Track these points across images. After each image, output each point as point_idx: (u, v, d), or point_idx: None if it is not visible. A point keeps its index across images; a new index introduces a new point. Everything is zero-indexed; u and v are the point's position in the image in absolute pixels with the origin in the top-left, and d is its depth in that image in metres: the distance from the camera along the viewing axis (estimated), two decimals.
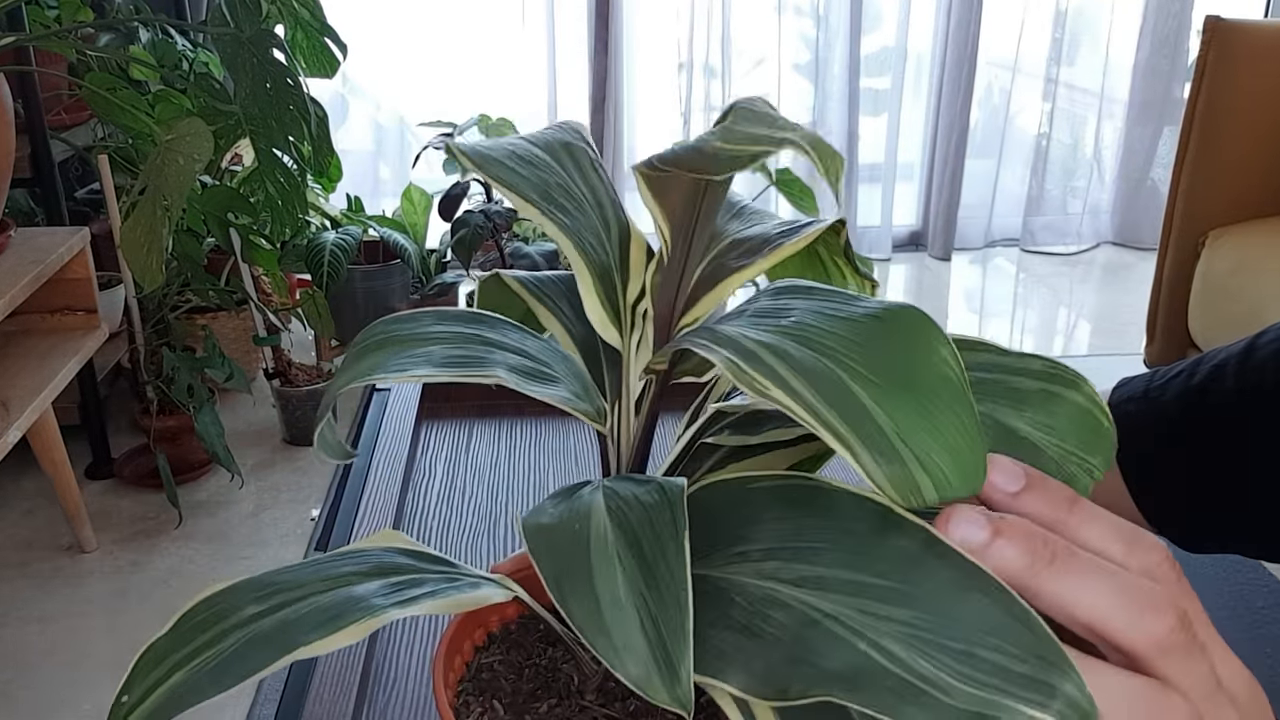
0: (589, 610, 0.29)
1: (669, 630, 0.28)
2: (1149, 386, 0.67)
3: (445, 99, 3.11)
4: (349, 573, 0.36)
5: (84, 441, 2.18)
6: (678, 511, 0.31)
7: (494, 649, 0.45)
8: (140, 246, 1.68)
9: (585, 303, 0.38)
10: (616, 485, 0.34)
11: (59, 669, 1.71)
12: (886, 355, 0.29)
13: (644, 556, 0.30)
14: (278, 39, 1.75)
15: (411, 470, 0.86)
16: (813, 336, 0.30)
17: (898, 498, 0.28)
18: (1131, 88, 3.45)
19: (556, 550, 0.31)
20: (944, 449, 0.28)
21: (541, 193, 0.38)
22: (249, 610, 0.34)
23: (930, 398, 0.28)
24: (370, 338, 0.38)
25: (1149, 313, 2.36)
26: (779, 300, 0.34)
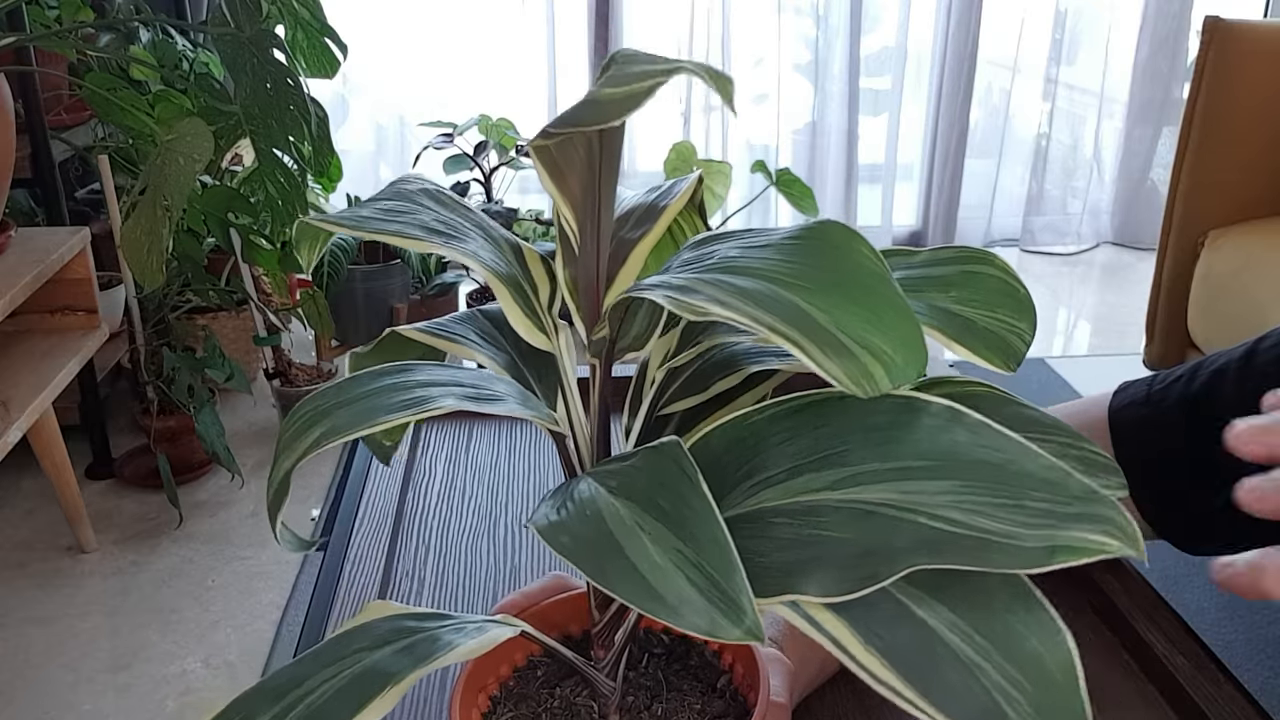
0: (634, 584, 0.29)
1: (717, 570, 0.29)
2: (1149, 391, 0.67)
3: (445, 99, 3.11)
4: (357, 649, 0.35)
5: (84, 441, 2.18)
6: (682, 461, 0.32)
7: (501, 709, 0.45)
8: (140, 246, 1.68)
9: (507, 313, 0.39)
10: (600, 470, 0.34)
11: (59, 669, 1.71)
12: (812, 263, 0.31)
13: (666, 514, 0.31)
14: (278, 39, 1.75)
15: (411, 470, 0.86)
16: (740, 265, 0.32)
17: (854, 387, 0.29)
18: (1131, 88, 3.45)
19: (582, 541, 0.31)
20: (884, 335, 0.30)
21: (427, 230, 0.39)
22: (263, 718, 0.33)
23: (861, 292, 0.31)
24: (298, 418, 0.38)
25: (1148, 313, 2.36)
26: (698, 250, 0.36)
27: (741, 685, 0.45)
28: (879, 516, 0.31)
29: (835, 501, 0.32)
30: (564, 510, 0.32)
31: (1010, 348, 0.36)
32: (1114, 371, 0.73)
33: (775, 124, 3.35)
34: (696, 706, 0.43)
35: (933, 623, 0.31)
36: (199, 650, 1.74)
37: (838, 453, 0.33)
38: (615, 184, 0.37)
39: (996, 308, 0.38)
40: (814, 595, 0.30)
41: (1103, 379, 0.72)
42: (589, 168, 0.36)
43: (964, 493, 0.30)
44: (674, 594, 0.29)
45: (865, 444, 0.32)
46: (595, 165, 0.36)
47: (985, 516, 0.30)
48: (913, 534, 0.30)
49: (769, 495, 0.33)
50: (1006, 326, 0.37)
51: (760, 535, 0.32)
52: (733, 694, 0.45)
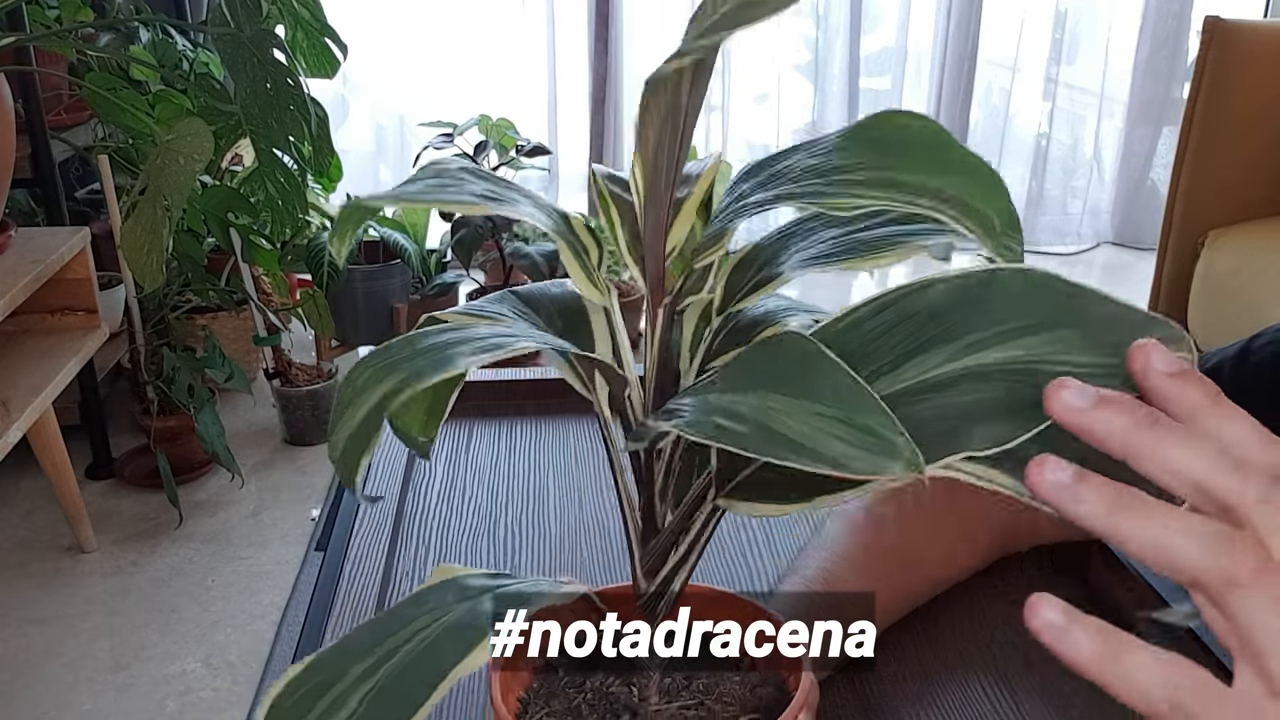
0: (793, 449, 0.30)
1: (862, 415, 0.30)
2: None
3: (445, 99, 3.11)
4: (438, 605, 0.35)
5: (84, 441, 2.18)
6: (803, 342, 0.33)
7: (534, 711, 0.44)
8: (140, 246, 1.68)
9: (570, 272, 0.40)
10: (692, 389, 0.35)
11: (59, 669, 1.71)
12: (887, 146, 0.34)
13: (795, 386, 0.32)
14: (278, 39, 1.75)
15: (411, 470, 0.86)
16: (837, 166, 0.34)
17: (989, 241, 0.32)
18: (1131, 88, 3.45)
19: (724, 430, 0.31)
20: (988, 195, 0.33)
21: (481, 197, 0.39)
22: (357, 669, 0.32)
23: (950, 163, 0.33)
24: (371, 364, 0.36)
25: None
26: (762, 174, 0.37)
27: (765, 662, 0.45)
28: (1011, 370, 0.33)
29: (959, 371, 0.33)
30: (680, 416, 0.33)
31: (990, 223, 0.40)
32: None
33: (775, 123, 3.35)
34: (736, 678, 0.44)
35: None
36: (199, 650, 1.74)
37: (941, 332, 0.34)
38: (691, 134, 0.38)
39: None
40: (979, 449, 0.31)
41: None
42: (671, 116, 0.36)
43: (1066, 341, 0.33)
44: (830, 451, 0.30)
45: (966, 318, 0.34)
46: (681, 110, 0.36)
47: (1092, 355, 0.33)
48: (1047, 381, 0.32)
49: (885, 384, 0.34)
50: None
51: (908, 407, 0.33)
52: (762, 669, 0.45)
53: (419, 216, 2.78)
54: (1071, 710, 0.62)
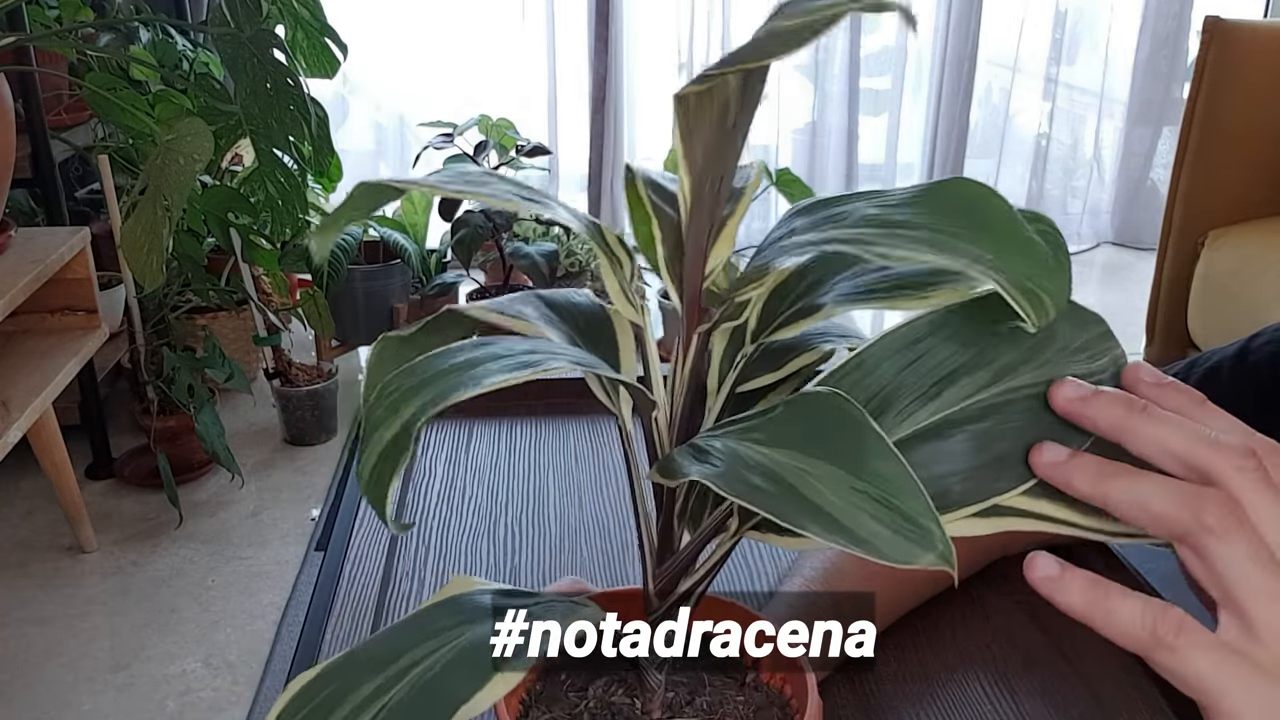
0: (824, 521, 0.29)
1: (901, 500, 0.30)
2: None
3: (445, 99, 3.11)
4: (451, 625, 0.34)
5: (84, 441, 2.18)
6: (845, 405, 0.32)
7: (535, 714, 0.44)
8: (140, 246, 1.68)
9: (608, 286, 0.40)
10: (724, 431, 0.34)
11: (59, 669, 1.71)
12: (962, 215, 0.33)
13: (836, 454, 0.31)
14: (278, 39, 1.75)
15: (412, 470, 0.86)
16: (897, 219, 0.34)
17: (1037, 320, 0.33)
18: (1131, 88, 3.45)
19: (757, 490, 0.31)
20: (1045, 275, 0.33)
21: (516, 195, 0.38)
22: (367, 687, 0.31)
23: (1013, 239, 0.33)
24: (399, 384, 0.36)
25: (1148, 313, 2.36)
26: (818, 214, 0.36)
27: (771, 679, 0.45)
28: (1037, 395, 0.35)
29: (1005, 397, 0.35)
30: (715, 464, 0.32)
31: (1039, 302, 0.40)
32: None
33: (775, 124, 3.35)
34: (740, 699, 0.43)
35: None
36: (199, 650, 1.74)
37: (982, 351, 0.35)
38: (742, 149, 0.37)
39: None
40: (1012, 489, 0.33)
41: None
42: (720, 128, 0.35)
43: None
44: (863, 529, 0.29)
45: (996, 345, 0.35)
46: (729, 122, 0.35)
47: None
48: None
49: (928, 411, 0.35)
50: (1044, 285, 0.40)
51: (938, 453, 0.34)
52: (766, 689, 0.45)
53: (419, 217, 2.78)
54: (1071, 710, 0.62)
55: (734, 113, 0.35)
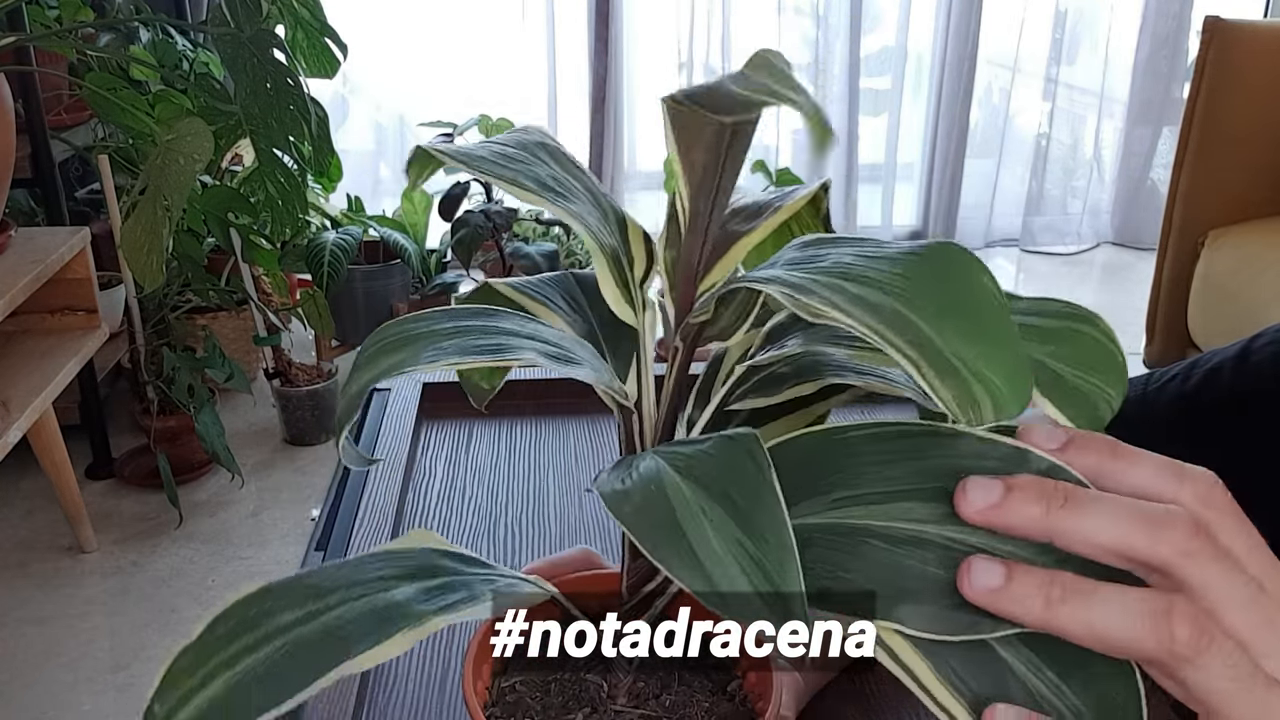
0: (690, 566, 0.29)
1: (776, 571, 0.29)
2: (1145, 389, 0.67)
3: (445, 99, 3.11)
4: (386, 576, 0.35)
5: (84, 441, 2.18)
6: (757, 454, 0.31)
7: (511, 673, 0.45)
8: (140, 246, 1.68)
9: (601, 284, 0.39)
10: (667, 449, 0.34)
11: (59, 669, 1.71)
12: (931, 284, 0.31)
13: (733, 505, 0.30)
14: (278, 39, 1.75)
15: (411, 470, 0.86)
16: (856, 273, 0.32)
17: (960, 413, 0.29)
18: (1131, 87, 3.45)
19: (644, 514, 0.30)
20: (995, 366, 0.29)
21: (539, 184, 0.38)
22: (284, 617, 0.32)
23: (977, 320, 0.30)
24: (385, 338, 0.37)
25: (1148, 313, 2.36)
26: (807, 251, 0.35)
27: (751, 693, 0.45)
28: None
29: (941, 538, 0.31)
30: (628, 481, 0.32)
31: (1096, 411, 0.36)
32: None
33: (775, 124, 3.35)
34: (705, 705, 0.43)
35: (1009, 659, 0.31)
36: None
37: (941, 488, 0.32)
38: (738, 172, 0.36)
39: (1090, 369, 0.37)
40: (913, 629, 0.30)
41: None
42: (716, 147, 0.35)
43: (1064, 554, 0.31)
44: (726, 583, 0.29)
45: None
46: (723, 146, 0.35)
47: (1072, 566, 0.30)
48: None
49: (861, 513, 0.33)
50: (1097, 389, 0.37)
51: (848, 551, 0.32)
52: (742, 699, 0.45)
53: (419, 216, 2.78)
54: None
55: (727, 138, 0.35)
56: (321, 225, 2.58)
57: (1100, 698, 0.30)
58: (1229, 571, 0.31)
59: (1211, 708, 0.31)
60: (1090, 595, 0.30)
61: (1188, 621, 0.30)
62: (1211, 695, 0.30)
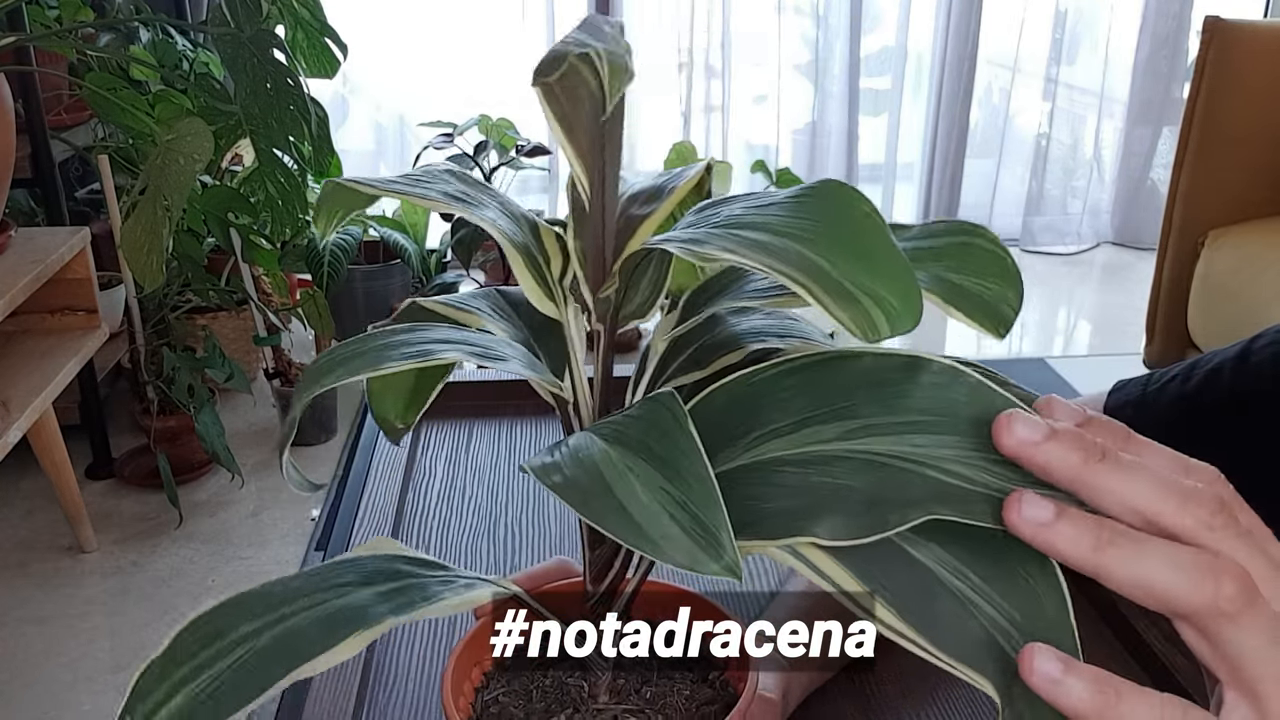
0: (620, 520, 0.30)
1: (700, 507, 0.30)
2: (1145, 390, 0.67)
3: (445, 99, 3.11)
4: (344, 583, 0.36)
5: (84, 441, 2.18)
6: (673, 406, 0.33)
7: (493, 686, 0.46)
8: (140, 246, 1.68)
9: (519, 280, 0.41)
10: (598, 424, 0.35)
11: (59, 669, 1.71)
12: (816, 217, 0.33)
13: (655, 456, 0.32)
14: (278, 39, 1.75)
15: (411, 470, 0.86)
16: (748, 221, 0.34)
17: (859, 333, 0.30)
18: (1131, 87, 3.45)
19: (572, 481, 0.32)
20: (885, 285, 0.31)
21: (448, 196, 0.40)
22: (244, 628, 0.34)
23: (863, 244, 0.32)
24: (317, 366, 0.39)
25: (1148, 313, 2.36)
26: (703, 213, 0.37)
27: (733, 678, 0.46)
28: (890, 467, 0.32)
29: (845, 451, 0.33)
30: (557, 454, 0.34)
31: (999, 314, 0.37)
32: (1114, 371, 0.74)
33: (775, 124, 3.35)
34: (685, 693, 0.44)
35: (930, 564, 0.32)
36: None
37: (845, 407, 0.34)
38: (620, 146, 0.38)
39: (986, 276, 0.39)
40: (823, 538, 0.31)
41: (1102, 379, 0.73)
42: (595, 123, 0.36)
43: (968, 449, 0.32)
44: (657, 530, 0.30)
45: (872, 399, 0.34)
46: (599, 122, 0.36)
47: (988, 473, 0.32)
48: (922, 485, 0.31)
49: (775, 446, 0.35)
50: (995, 294, 0.38)
51: (766, 483, 0.33)
52: (722, 684, 0.46)
53: (419, 217, 2.78)
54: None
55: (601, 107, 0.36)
56: None
57: (1029, 601, 0.31)
58: (1251, 548, 0.32)
59: (1242, 667, 0.31)
60: (1141, 543, 0.31)
61: (1235, 579, 0.30)
62: (1245, 654, 0.31)
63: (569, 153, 0.37)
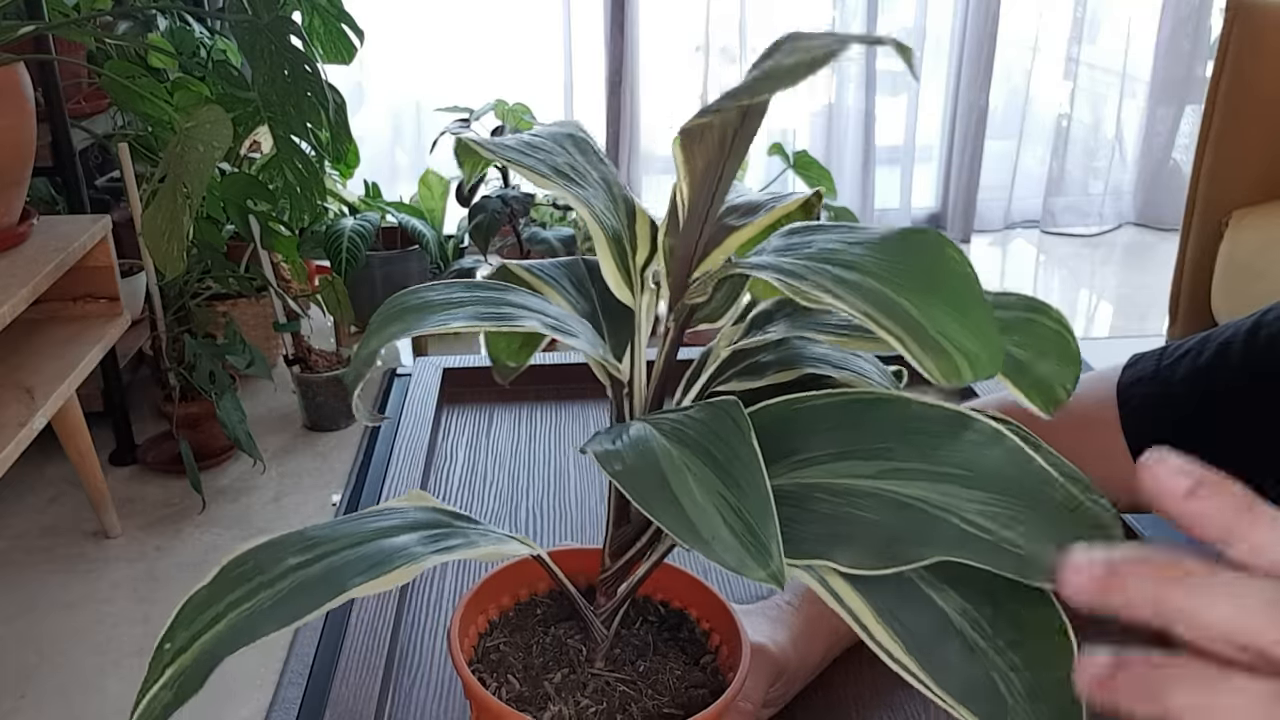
0: (675, 515, 0.32)
1: (754, 517, 0.32)
2: (1159, 366, 0.67)
3: (462, 84, 3.11)
4: (386, 527, 0.38)
5: (108, 428, 2.20)
6: (738, 417, 0.35)
7: (496, 634, 0.48)
8: (161, 234, 1.69)
9: (601, 265, 0.42)
10: (654, 417, 0.37)
11: (85, 654, 1.73)
12: (909, 264, 0.34)
13: (715, 461, 0.33)
14: (295, 26, 1.76)
15: (433, 455, 0.86)
16: (841, 259, 0.35)
17: (943, 380, 0.31)
18: (1153, 67, 3.42)
19: (633, 470, 0.33)
20: (971, 335, 0.32)
21: (554, 170, 0.42)
22: (290, 561, 0.36)
23: (952, 294, 0.33)
24: (401, 303, 0.40)
25: (1172, 294, 2.34)
26: (793, 239, 0.38)
27: (724, 666, 0.47)
28: (914, 509, 0.34)
29: (875, 489, 0.35)
30: (618, 442, 0.35)
31: (1052, 394, 0.39)
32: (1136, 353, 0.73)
33: (793, 106, 3.33)
34: (677, 673, 0.46)
35: (944, 606, 0.34)
36: None
37: (883, 448, 0.36)
38: (738, 166, 0.39)
39: (1047, 355, 0.40)
40: (844, 565, 0.32)
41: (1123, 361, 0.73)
42: (720, 146, 0.37)
43: (993, 504, 0.34)
44: (709, 530, 0.31)
45: (910, 445, 0.36)
46: (726, 145, 0.37)
47: (1008, 529, 0.33)
48: (943, 529, 0.33)
49: (811, 473, 0.36)
50: (1054, 374, 0.40)
51: (799, 506, 0.35)
52: (714, 670, 0.47)
53: (436, 202, 2.78)
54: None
55: (731, 136, 0.37)
56: (339, 211, 2.59)
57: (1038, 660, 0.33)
58: None
59: None
60: (1204, 687, 0.28)
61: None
62: None
63: (681, 171, 0.38)
